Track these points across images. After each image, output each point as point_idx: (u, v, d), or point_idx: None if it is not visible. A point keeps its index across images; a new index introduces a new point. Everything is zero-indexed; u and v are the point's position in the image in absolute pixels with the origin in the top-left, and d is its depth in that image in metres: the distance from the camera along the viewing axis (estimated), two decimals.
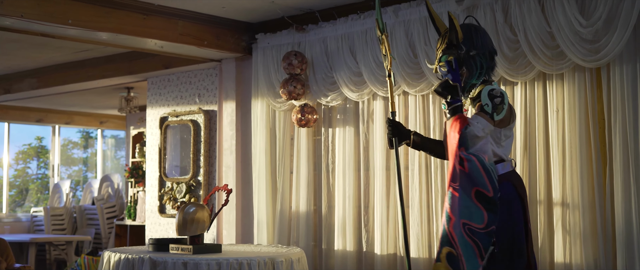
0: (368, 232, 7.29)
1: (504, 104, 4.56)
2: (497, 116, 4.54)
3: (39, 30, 7.39)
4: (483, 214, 4.38)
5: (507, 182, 4.65)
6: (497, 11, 6.29)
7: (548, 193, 6.14)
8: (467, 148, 4.44)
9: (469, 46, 4.69)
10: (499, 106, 4.54)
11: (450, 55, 4.69)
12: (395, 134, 4.95)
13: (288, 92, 7.65)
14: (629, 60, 5.66)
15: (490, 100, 4.55)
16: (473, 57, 4.68)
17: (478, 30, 4.79)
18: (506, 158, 4.72)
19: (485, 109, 4.53)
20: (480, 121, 4.48)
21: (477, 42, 4.73)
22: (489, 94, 4.57)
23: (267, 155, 8.07)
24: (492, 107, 4.53)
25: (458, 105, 4.53)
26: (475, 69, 4.69)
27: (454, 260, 4.39)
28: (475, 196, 4.41)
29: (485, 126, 4.48)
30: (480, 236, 4.39)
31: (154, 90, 9.69)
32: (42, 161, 16.00)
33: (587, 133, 5.91)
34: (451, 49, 4.70)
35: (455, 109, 4.53)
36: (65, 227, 13.02)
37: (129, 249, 6.32)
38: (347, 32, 7.37)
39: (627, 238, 5.61)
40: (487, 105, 4.54)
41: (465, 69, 4.69)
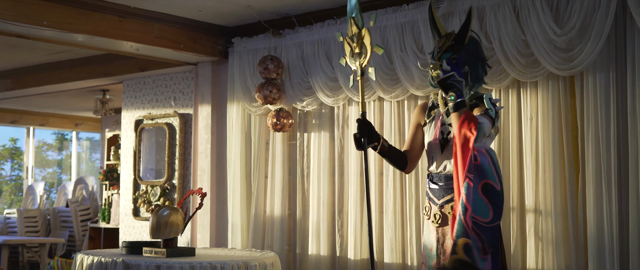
0: (342, 237, 7.30)
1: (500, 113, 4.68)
2: (496, 122, 4.64)
3: (13, 31, 7.34)
4: (488, 209, 4.43)
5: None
6: (472, 19, 6.31)
7: (521, 200, 6.18)
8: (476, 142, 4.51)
9: (475, 51, 4.73)
10: (499, 112, 4.65)
11: (455, 53, 4.66)
12: (365, 134, 4.87)
13: (264, 96, 7.65)
14: (602, 69, 5.71)
15: (492, 106, 4.62)
16: (476, 63, 4.71)
17: (477, 40, 4.85)
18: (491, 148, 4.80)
19: (489, 114, 4.59)
20: (486, 122, 4.55)
21: (480, 52, 4.80)
22: (490, 100, 4.64)
23: (242, 159, 8.07)
24: (494, 113, 4.60)
25: (464, 101, 4.53)
26: (477, 74, 4.72)
27: (470, 251, 4.39)
28: (482, 189, 4.43)
29: (489, 127, 4.58)
30: (484, 230, 4.43)
31: (130, 92, 9.66)
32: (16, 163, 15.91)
33: (560, 141, 5.95)
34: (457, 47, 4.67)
35: (461, 103, 4.51)
36: (39, 229, 12.94)
37: (103, 251, 6.30)
38: (324, 37, 7.39)
39: (599, 245, 5.65)
40: (490, 109, 4.62)
41: (469, 69, 4.68)
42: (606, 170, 5.66)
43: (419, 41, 6.68)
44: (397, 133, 6.94)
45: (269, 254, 6.09)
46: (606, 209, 5.63)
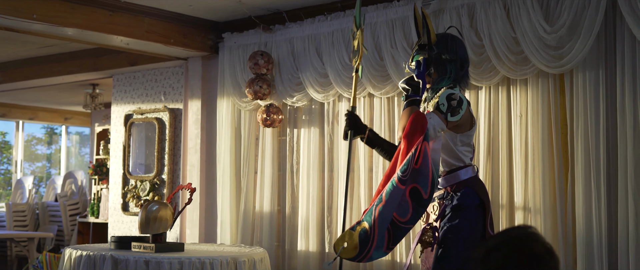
0: (331, 233, 7.30)
1: (461, 108, 4.52)
2: (451, 117, 4.44)
3: (3, 24, 7.32)
4: (409, 210, 4.34)
5: (468, 188, 4.64)
6: (462, 16, 6.33)
7: (510, 197, 6.19)
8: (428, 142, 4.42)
9: (441, 49, 4.66)
10: (455, 109, 4.49)
11: (421, 55, 4.67)
12: (352, 127, 4.91)
13: (254, 91, 7.64)
14: (591, 67, 5.72)
15: (447, 101, 4.52)
16: (444, 62, 4.67)
17: (455, 39, 4.74)
18: (467, 164, 4.71)
19: (440, 108, 4.48)
20: (433, 118, 4.44)
21: (451, 48, 4.67)
22: (447, 96, 4.52)
23: (231, 154, 8.06)
24: (447, 107, 4.50)
25: (415, 99, 4.51)
26: (443, 73, 4.66)
27: (365, 239, 4.35)
28: (410, 192, 4.38)
29: (438, 124, 4.40)
30: (397, 228, 4.36)
31: (119, 87, 9.64)
32: (5, 157, 15.86)
33: (549, 138, 5.97)
34: (423, 49, 4.69)
35: (413, 101, 4.51)
36: (28, 223, 12.91)
37: (91, 246, 6.29)
38: (314, 33, 7.38)
39: (588, 243, 5.67)
40: (442, 104, 4.49)
41: (434, 70, 4.67)
42: (595, 168, 5.67)
43: (409, 38, 6.69)
44: (386, 129, 6.94)
45: (258, 250, 6.08)
46: (595, 207, 5.65)
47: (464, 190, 4.59)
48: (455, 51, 4.67)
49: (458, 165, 4.64)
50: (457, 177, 4.62)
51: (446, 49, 4.66)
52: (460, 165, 4.64)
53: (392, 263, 6.87)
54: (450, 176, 4.65)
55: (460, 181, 4.60)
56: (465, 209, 4.57)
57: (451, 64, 4.65)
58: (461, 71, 4.69)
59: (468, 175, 4.65)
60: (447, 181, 4.66)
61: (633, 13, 5.48)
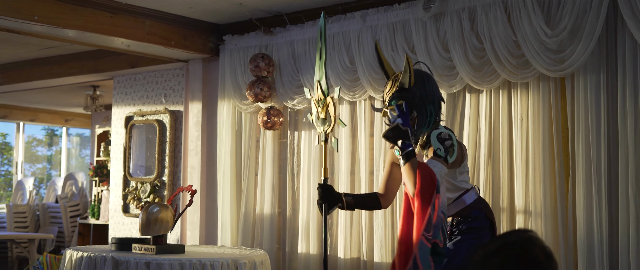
0: (332, 236, 7.30)
1: (454, 145, 4.50)
2: (450, 159, 4.43)
3: (3, 25, 7.32)
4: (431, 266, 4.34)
5: (476, 210, 4.66)
6: (463, 19, 6.33)
7: (511, 201, 6.19)
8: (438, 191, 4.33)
9: (421, 91, 4.58)
10: (450, 148, 4.44)
11: (401, 99, 4.62)
12: (326, 200, 4.88)
13: (254, 94, 7.65)
14: (592, 70, 5.72)
15: (440, 144, 4.46)
16: (425, 104, 4.62)
17: (429, 78, 4.69)
18: (469, 186, 4.71)
19: (438, 153, 4.42)
20: (437, 165, 4.37)
21: (429, 89, 4.62)
22: (438, 138, 4.45)
23: (232, 157, 8.06)
24: (444, 151, 4.46)
25: (411, 150, 4.38)
26: (426, 116, 4.58)
27: None
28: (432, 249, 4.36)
29: (441, 170, 4.38)
30: None
31: (120, 89, 9.64)
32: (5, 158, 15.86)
33: (550, 142, 5.97)
34: (402, 93, 4.64)
35: (410, 153, 4.38)
36: (28, 224, 12.91)
37: (92, 247, 6.29)
38: (315, 36, 7.38)
39: (588, 247, 5.66)
40: (439, 149, 4.43)
41: (417, 114, 4.61)
42: (596, 172, 5.67)
43: (410, 40, 6.69)
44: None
45: (258, 252, 6.09)
46: (596, 210, 5.65)
47: (472, 213, 4.62)
48: (432, 91, 4.63)
49: (461, 192, 4.66)
50: (463, 203, 4.66)
51: (425, 91, 4.60)
52: (462, 191, 4.66)
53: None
54: (455, 203, 4.67)
55: (467, 206, 4.63)
56: (475, 231, 4.60)
57: (431, 104, 4.61)
58: (439, 110, 4.67)
59: (473, 198, 4.68)
60: (454, 208, 4.68)
61: (634, 17, 5.48)
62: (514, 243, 2.37)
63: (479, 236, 4.64)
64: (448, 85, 6.45)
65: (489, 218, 4.69)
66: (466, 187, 4.68)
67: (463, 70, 6.29)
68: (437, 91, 4.66)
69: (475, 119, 6.40)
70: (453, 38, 6.36)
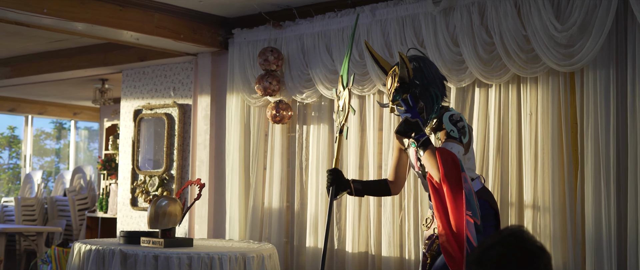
0: (340, 230, 7.30)
1: (466, 126, 4.51)
2: (464, 139, 4.47)
3: (13, 18, 7.33)
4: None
5: (481, 199, 4.66)
6: (473, 13, 6.32)
7: (519, 195, 6.18)
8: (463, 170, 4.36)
9: (421, 80, 4.59)
10: (463, 129, 4.47)
11: (405, 93, 4.63)
12: (335, 183, 4.91)
13: (263, 88, 7.65)
14: (602, 65, 5.71)
15: (453, 125, 4.48)
16: (428, 90, 4.62)
17: (425, 61, 4.70)
18: (475, 175, 4.71)
19: (452, 135, 4.45)
20: (454, 146, 4.41)
21: (428, 73, 4.63)
22: (450, 119, 4.48)
23: (240, 150, 8.07)
24: (457, 132, 4.47)
25: (427, 139, 4.43)
26: (432, 101, 4.59)
27: None
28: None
29: (460, 150, 4.42)
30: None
31: (129, 82, 9.64)
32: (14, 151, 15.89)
33: (559, 137, 5.95)
34: (404, 87, 4.65)
35: (426, 142, 4.42)
36: (36, 217, 12.93)
37: (100, 241, 6.30)
38: (324, 30, 7.38)
39: (597, 242, 5.65)
40: (452, 131, 4.46)
41: (423, 102, 4.62)
42: (605, 167, 5.66)
43: (419, 35, 6.68)
44: (396, 124, 6.92)
45: (266, 246, 6.09)
46: (604, 206, 5.64)
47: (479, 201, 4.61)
48: (432, 75, 4.64)
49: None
50: None
51: (425, 78, 4.61)
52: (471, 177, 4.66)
53: (400, 260, 6.86)
54: None
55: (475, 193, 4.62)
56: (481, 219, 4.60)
57: (433, 87, 4.61)
58: (443, 89, 4.67)
59: (478, 187, 4.67)
60: None
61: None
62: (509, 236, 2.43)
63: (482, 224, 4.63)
64: (457, 79, 6.44)
65: (493, 207, 4.70)
66: (472, 177, 4.68)
67: (472, 64, 6.28)
68: (436, 71, 4.69)
69: (485, 113, 6.39)
70: (462, 32, 6.35)
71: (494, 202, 4.74)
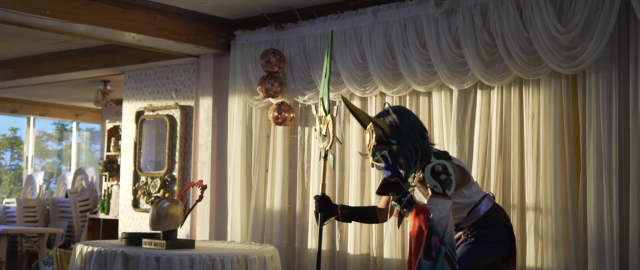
0: (342, 232, 7.30)
1: (450, 176, 4.44)
2: (449, 192, 4.42)
3: (16, 20, 7.34)
4: None
5: (493, 218, 4.66)
6: (475, 15, 6.31)
7: (521, 197, 6.18)
8: (439, 237, 4.33)
9: (398, 137, 4.58)
10: (446, 181, 4.42)
11: (383, 150, 4.60)
12: (322, 209, 4.92)
13: (265, 89, 7.65)
14: (605, 67, 5.70)
15: (435, 180, 4.43)
16: (407, 147, 4.57)
17: (401, 117, 4.66)
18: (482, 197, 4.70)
19: (435, 191, 4.43)
20: (438, 203, 4.38)
21: (405, 129, 4.60)
22: (432, 174, 4.44)
23: (242, 152, 8.06)
24: (441, 186, 4.44)
25: (409, 199, 4.42)
26: (411, 156, 4.57)
27: None
28: None
29: (444, 205, 4.37)
30: None
31: (131, 84, 9.65)
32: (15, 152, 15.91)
33: (561, 139, 5.95)
34: (382, 144, 4.63)
35: (408, 203, 4.41)
36: (38, 219, 12.94)
37: (102, 242, 6.30)
38: (326, 32, 7.37)
39: (599, 244, 5.65)
40: (435, 186, 4.44)
41: (402, 158, 4.61)
42: (607, 169, 5.65)
43: (421, 37, 6.68)
44: None
45: (268, 248, 6.09)
46: (607, 208, 5.63)
47: (489, 221, 4.63)
48: (410, 129, 4.62)
49: (474, 203, 4.67)
50: (477, 213, 4.68)
51: (402, 134, 4.59)
52: (475, 202, 4.67)
53: (402, 262, 6.86)
54: (470, 215, 4.68)
55: (483, 215, 4.63)
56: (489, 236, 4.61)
57: (413, 143, 4.59)
58: (424, 141, 4.64)
59: (487, 206, 4.69)
60: (469, 220, 4.70)
61: None
62: None
63: (493, 242, 4.65)
64: (459, 81, 6.44)
65: (506, 225, 4.70)
66: (477, 198, 4.68)
67: (474, 66, 6.27)
68: (415, 124, 4.66)
69: (487, 115, 6.39)
70: (465, 34, 6.34)
71: (505, 218, 4.75)
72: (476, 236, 4.69)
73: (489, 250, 4.63)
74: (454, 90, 6.53)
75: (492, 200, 4.77)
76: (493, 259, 2.40)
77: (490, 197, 4.77)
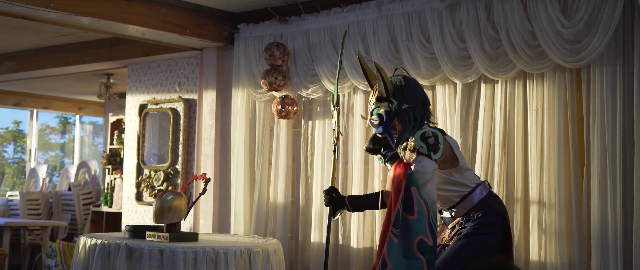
0: (345, 226, 7.30)
1: (439, 143, 4.44)
2: (434, 155, 4.41)
3: (19, 12, 7.33)
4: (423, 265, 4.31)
5: (487, 207, 4.64)
6: (479, 9, 6.30)
7: (525, 191, 6.17)
8: (419, 189, 4.30)
9: (400, 99, 4.58)
10: (434, 145, 4.42)
11: (381, 108, 4.62)
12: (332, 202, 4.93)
13: (269, 83, 7.64)
14: (609, 62, 5.69)
15: (423, 142, 4.43)
16: (405, 110, 4.58)
17: (409, 82, 4.67)
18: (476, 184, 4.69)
19: (421, 151, 4.42)
20: (422, 160, 4.38)
21: (409, 94, 4.60)
22: (421, 137, 4.44)
23: (246, 145, 8.06)
24: (426, 148, 4.41)
25: (394, 153, 4.43)
26: (408, 122, 4.58)
27: None
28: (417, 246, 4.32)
29: (428, 163, 4.37)
30: None
31: (134, 77, 9.65)
32: (19, 145, 15.90)
33: (565, 133, 5.94)
34: (382, 102, 4.64)
35: (393, 157, 4.42)
36: (41, 212, 12.96)
37: (106, 235, 6.31)
38: (330, 25, 7.37)
39: (602, 238, 5.64)
40: (421, 147, 4.40)
41: (398, 121, 4.60)
42: (611, 164, 5.65)
43: (425, 30, 6.67)
44: None
45: (271, 241, 6.09)
46: (610, 202, 5.63)
47: (483, 210, 4.60)
48: (414, 96, 4.62)
49: (467, 190, 4.64)
50: (471, 201, 4.64)
51: (404, 97, 4.59)
52: (469, 189, 4.64)
53: None
54: (464, 203, 4.65)
55: (477, 203, 4.61)
56: (483, 227, 4.59)
57: (413, 110, 4.59)
58: (425, 112, 4.64)
59: (482, 195, 4.65)
60: (463, 208, 4.67)
61: None
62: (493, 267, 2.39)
63: (487, 233, 4.62)
64: (463, 75, 6.44)
65: (500, 214, 4.67)
66: (471, 184, 4.66)
67: (478, 60, 6.27)
68: (420, 94, 4.66)
69: (491, 109, 6.38)
70: (469, 28, 6.34)
71: (501, 208, 4.72)
72: (470, 228, 4.65)
73: (484, 243, 4.59)
74: (458, 84, 6.53)
75: (487, 188, 4.73)
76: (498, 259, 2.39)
77: (485, 185, 4.74)
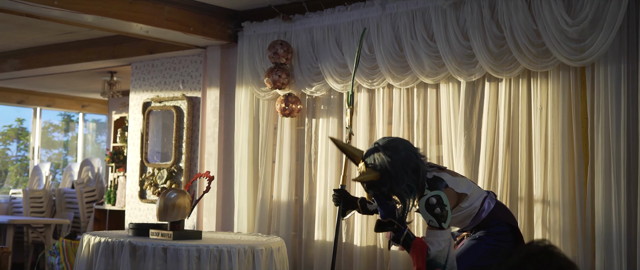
0: (348, 224, 7.29)
1: (445, 206, 4.46)
2: (445, 224, 4.46)
3: (23, 10, 7.33)
4: None
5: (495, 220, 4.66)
6: (483, 7, 6.30)
7: (529, 190, 6.17)
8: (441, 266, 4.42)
9: (389, 183, 4.55)
10: (441, 215, 4.45)
11: (375, 191, 4.61)
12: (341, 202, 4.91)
13: (272, 81, 7.64)
14: (613, 60, 5.68)
15: (431, 214, 4.46)
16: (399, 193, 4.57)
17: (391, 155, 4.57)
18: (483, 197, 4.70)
19: (431, 225, 4.47)
20: (436, 235, 4.43)
21: (397, 171, 4.53)
22: (426, 208, 4.47)
23: (249, 143, 8.06)
24: (436, 220, 4.45)
25: (405, 237, 4.50)
26: (407, 195, 4.57)
27: None
28: None
29: (442, 236, 4.43)
30: None
31: (138, 75, 9.65)
32: (22, 143, 15.91)
33: (569, 131, 5.94)
34: (372, 187, 4.62)
35: (405, 241, 4.50)
36: (44, 209, 12.96)
37: (109, 233, 6.31)
38: (334, 23, 7.36)
39: (606, 237, 5.64)
40: (431, 221, 4.46)
41: (397, 198, 4.62)
42: (615, 162, 5.64)
43: (429, 29, 6.66)
44: (405, 121, 6.93)
45: (275, 239, 6.09)
46: (614, 201, 5.62)
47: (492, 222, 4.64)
48: (403, 170, 4.56)
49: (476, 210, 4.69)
50: (480, 216, 4.66)
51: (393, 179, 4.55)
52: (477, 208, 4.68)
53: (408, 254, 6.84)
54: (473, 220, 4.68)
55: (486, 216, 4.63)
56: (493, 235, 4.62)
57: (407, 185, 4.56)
58: (420, 177, 4.60)
59: (490, 208, 4.68)
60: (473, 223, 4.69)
61: None
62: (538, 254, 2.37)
63: (497, 240, 4.65)
64: (467, 73, 6.43)
65: (509, 223, 4.69)
66: (478, 204, 4.67)
67: (483, 58, 6.26)
68: (407, 160, 4.59)
69: (495, 107, 6.37)
70: (473, 26, 6.33)
71: (510, 218, 4.74)
72: (481, 233, 4.69)
73: (494, 250, 4.62)
74: (462, 82, 6.52)
75: (494, 199, 4.75)
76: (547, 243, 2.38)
77: (491, 196, 4.75)
